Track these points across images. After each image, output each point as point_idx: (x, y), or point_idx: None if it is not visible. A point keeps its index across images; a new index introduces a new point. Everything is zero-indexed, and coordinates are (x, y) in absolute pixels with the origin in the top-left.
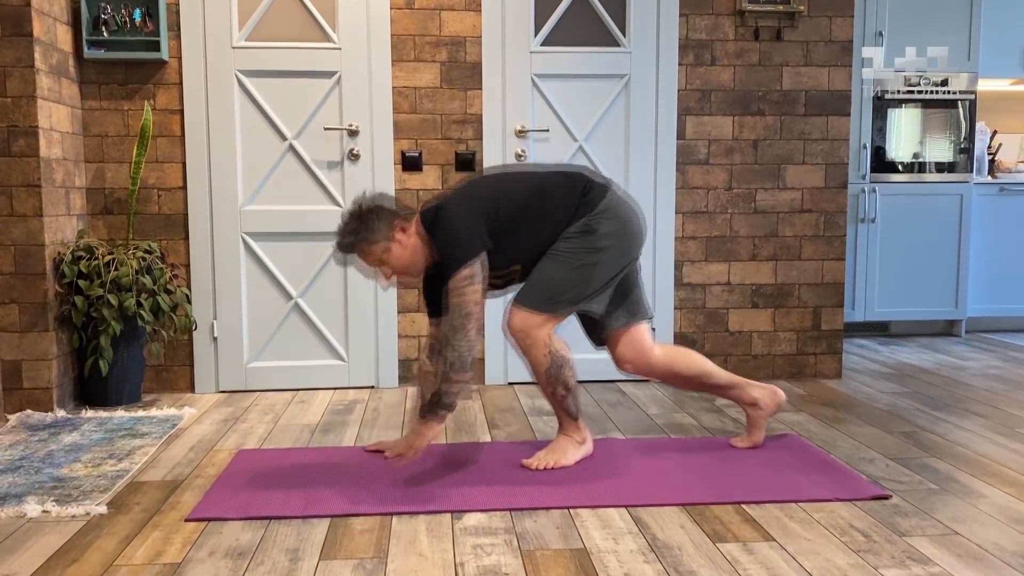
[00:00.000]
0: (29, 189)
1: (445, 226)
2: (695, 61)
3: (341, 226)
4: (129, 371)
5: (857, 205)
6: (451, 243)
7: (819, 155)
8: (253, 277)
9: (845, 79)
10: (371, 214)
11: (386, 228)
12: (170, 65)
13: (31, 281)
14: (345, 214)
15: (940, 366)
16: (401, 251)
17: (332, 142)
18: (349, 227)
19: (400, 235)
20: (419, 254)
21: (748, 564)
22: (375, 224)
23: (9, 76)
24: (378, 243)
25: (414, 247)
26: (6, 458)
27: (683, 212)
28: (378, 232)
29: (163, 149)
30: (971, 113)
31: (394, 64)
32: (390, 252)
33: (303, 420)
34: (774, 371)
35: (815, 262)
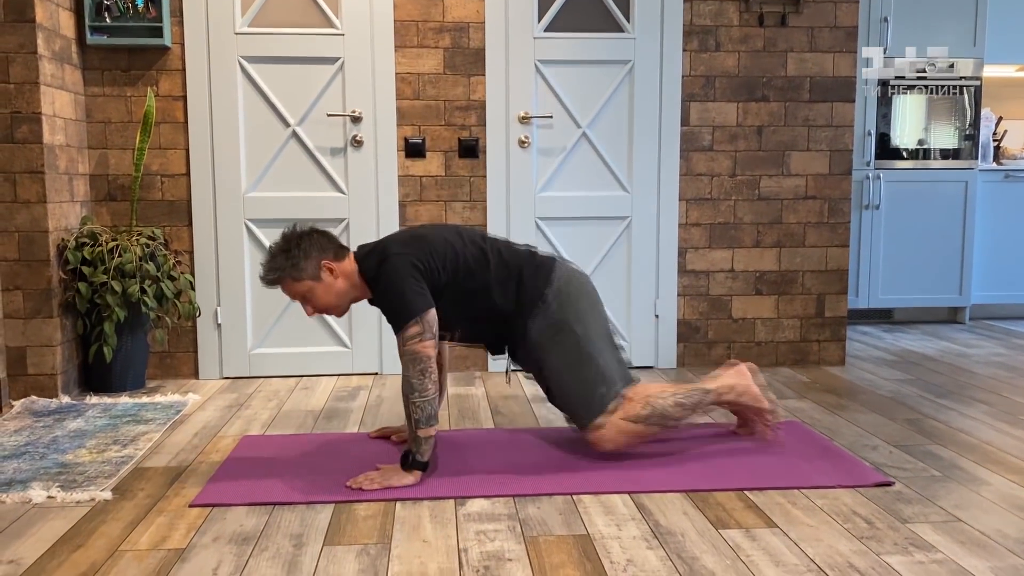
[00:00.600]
0: (33, 175)
1: (387, 282)
2: (699, 47)
3: (267, 258)
4: (133, 357)
5: (861, 192)
6: (395, 301)
7: (823, 142)
8: (256, 263)
9: (850, 65)
10: (299, 251)
11: (312, 267)
12: (173, 51)
13: (35, 268)
14: (273, 246)
15: (944, 353)
16: (324, 292)
17: (335, 128)
18: (275, 263)
19: (326, 275)
20: (344, 296)
21: (751, 550)
22: (301, 263)
23: (12, 62)
24: (302, 282)
25: (339, 290)
26: (11, 444)
27: (687, 199)
28: (303, 271)
29: (166, 136)
30: (976, 99)
31: (397, 50)
32: (313, 292)
33: (307, 406)
34: (777, 358)
35: (819, 249)
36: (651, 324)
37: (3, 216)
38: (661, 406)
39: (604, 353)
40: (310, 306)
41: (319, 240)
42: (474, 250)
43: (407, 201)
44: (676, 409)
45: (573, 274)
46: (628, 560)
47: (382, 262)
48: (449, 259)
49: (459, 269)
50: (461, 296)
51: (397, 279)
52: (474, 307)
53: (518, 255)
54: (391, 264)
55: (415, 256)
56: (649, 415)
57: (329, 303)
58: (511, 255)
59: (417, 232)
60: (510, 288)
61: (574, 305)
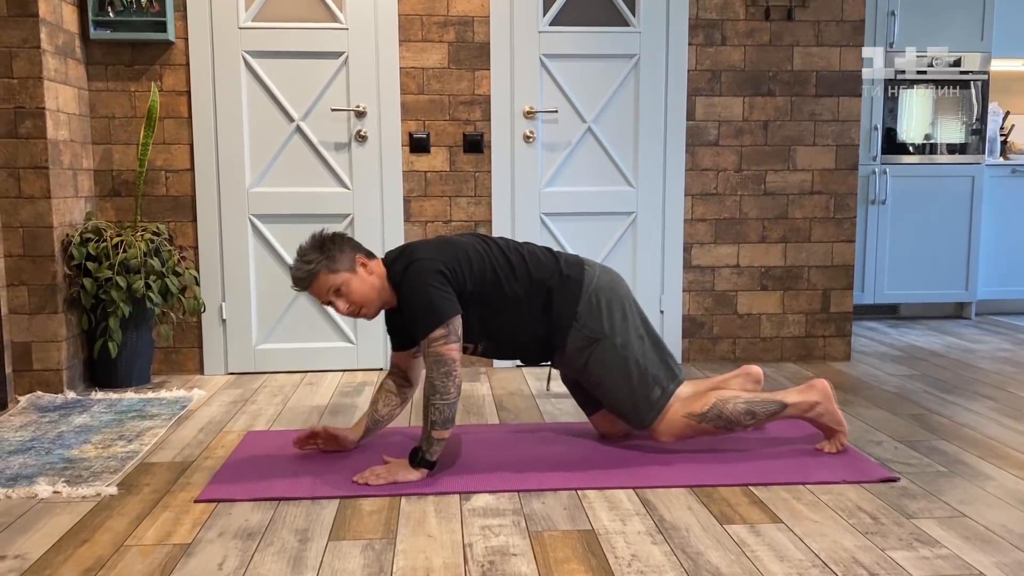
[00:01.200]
0: (37, 171)
1: (414, 285)
2: (705, 41)
3: (299, 256)
4: (138, 353)
5: (867, 187)
6: (422, 304)
7: (830, 136)
8: (261, 259)
9: (856, 59)
10: (332, 243)
11: (348, 260)
12: (177, 46)
13: (40, 263)
14: (303, 246)
15: (949, 349)
16: (361, 284)
17: (339, 123)
18: (309, 256)
19: (361, 270)
20: (378, 292)
21: (755, 546)
22: (337, 254)
23: (15, 57)
24: (339, 273)
25: (374, 284)
26: (17, 439)
27: (692, 194)
28: (340, 262)
29: (170, 131)
30: (984, 94)
31: (402, 44)
32: (350, 284)
33: (312, 402)
34: (783, 354)
35: (825, 244)
36: (656, 320)
37: (7, 212)
38: (729, 410)
39: (648, 355)
40: (344, 300)
41: (350, 240)
42: (502, 260)
43: (412, 196)
44: (745, 416)
45: (602, 280)
46: (633, 555)
47: (408, 266)
48: (476, 267)
49: (486, 279)
50: (487, 307)
51: (423, 282)
52: (500, 320)
53: (545, 268)
54: (417, 267)
55: (442, 261)
56: (716, 417)
57: (365, 296)
58: (538, 269)
59: (444, 239)
60: (537, 306)
61: (608, 316)
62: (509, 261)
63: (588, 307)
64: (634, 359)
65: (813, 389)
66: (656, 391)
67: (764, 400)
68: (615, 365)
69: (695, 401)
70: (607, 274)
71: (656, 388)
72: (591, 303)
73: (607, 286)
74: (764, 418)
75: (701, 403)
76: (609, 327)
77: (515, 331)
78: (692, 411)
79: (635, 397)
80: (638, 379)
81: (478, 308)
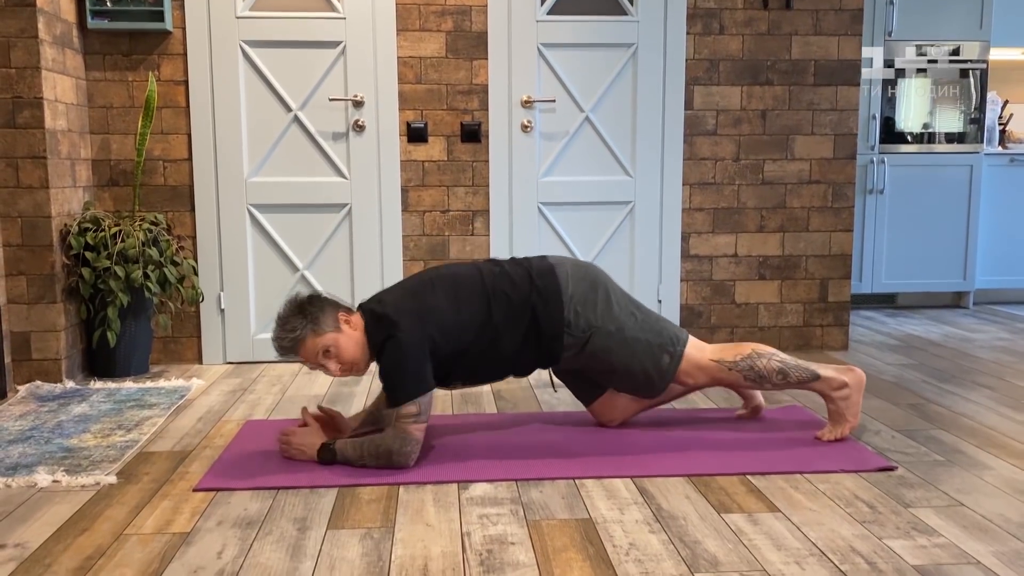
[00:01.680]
0: (35, 160)
1: (390, 359)
2: (703, 30)
3: (279, 324)
4: (137, 342)
5: (865, 176)
6: (396, 379)
7: (828, 126)
8: (259, 249)
9: (855, 48)
10: (312, 306)
11: (331, 320)
12: (174, 35)
13: (38, 253)
14: (281, 312)
15: (947, 338)
16: (348, 341)
17: (337, 113)
18: (291, 324)
19: (345, 328)
20: (363, 347)
21: (753, 534)
22: (319, 315)
23: (13, 47)
24: (325, 334)
25: (359, 340)
26: (16, 429)
27: (690, 183)
28: (323, 323)
29: (168, 120)
30: (982, 83)
31: (399, 34)
32: (339, 344)
33: (310, 391)
34: (780, 343)
35: (823, 233)
36: (654, 309)
37: (6, 201)
38: (763, 365)
39: (646, 327)
40: (334, 361)
41: (327, 299)
42: (481, 306)
43: (409, 186)
44: (776, 375)
45: (576, 278)
46: (631, 544)
47: (388, 338)
48: (454, 330)
49: (464, 337)
50: (468, 355)
51: (402, 357)
52: (486, 359)
53: (522, 290)
54: (396, 341)
55: (422, 334)
56: (748, 368)
57: (354, 355)
58: (516, 292)
59: (424, 301)
60: (521, 333)
61: (595, 310)
62: (489, 297)
63: (573, 311)
64: (633, 337)
65: (851, 373)
66: (665, 358)
67: (799, 365)
68: (617, 350)
69: (730, 349)
70: (578, 269)
71: (664, 356)
72: (574, 306)
73: (582, 281)
74: (795, 382)
75: (735, 352)
76: (599, 319)
77: (501, 354)
78: (723, 358)
79: (646, 371)
80: (644, 354)
81: (463, 357)
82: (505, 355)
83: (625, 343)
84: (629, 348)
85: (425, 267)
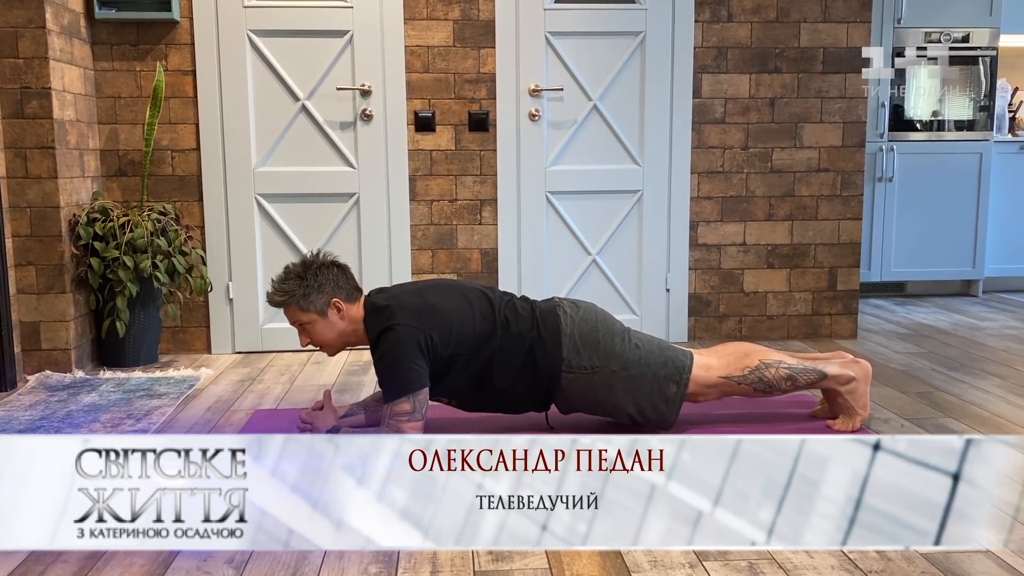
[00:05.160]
0: (43, 151)
1: (387, 352)
2: (711, 18)
3: (280, 278)
4: (146, 332)
5: (874, 164)
6: (391, 373)
7: (836, 113)
8: (267, 238)
9: (864, 36)
10: (314, 281)
11: (321, 302)
12: (181, 25)
13: (47, 243)
14: (290, 266)
15: (956, 326)
16: (325, 328)
17: (345, 102)
18: (286, 287)
19: (332, 313)
20: (343, 337)
21: None
22: (312, 295)
23: (21, 37)
24: (307, 312)
25: (340, 330)
26: (26, 418)
27: (698, 172)
28: (313, 302)
29: (176, 110)
30: (992, 70)
31: (406, 23)
32: (314, 326)
33: (319, 381)
34: (789, 332)
35: (831, 222)
36: (662, 298)
37: (15, 192)
38: (771, 375)
39: (650, 360)
40: (305, 336)
41: (337, 276)
42: (482, 322)
43: (417, 175)
44: (785, 382)
45: (576, 316)
46: None
47: (386, 329)
48: (455, 333)
49: (464, 343)
50: (466, 367)
51: (398, 350)
52: (480, 378)
53: (524, 321)
54: (395, 334)
55: (422, 331)
56: (757, 380)
57: (326, 340)
58: (518, 322)
59: (427, 299)
60: (518, 361)
61: (595, 348)
62: (493, 316)
63: (574, 347)
64: (639, 373)
65: (856, 366)
66: (671, 387)
67: (806, 368)
68: (621, 387)
69: (737, 363)
70: (577, 309)
71: (671, 384)
72: (575, 343)
73: (582, 320)
74: (803, 385)
75: (742, 365)
76: (601, 358)
77: (493, 387)
78: (731, 374)
79: (654, 401)
80: (650, 387)
81: (457, 369)
82: (494, 377)
83: (628, 380)
84: (633, 385)
85: (433, 256)
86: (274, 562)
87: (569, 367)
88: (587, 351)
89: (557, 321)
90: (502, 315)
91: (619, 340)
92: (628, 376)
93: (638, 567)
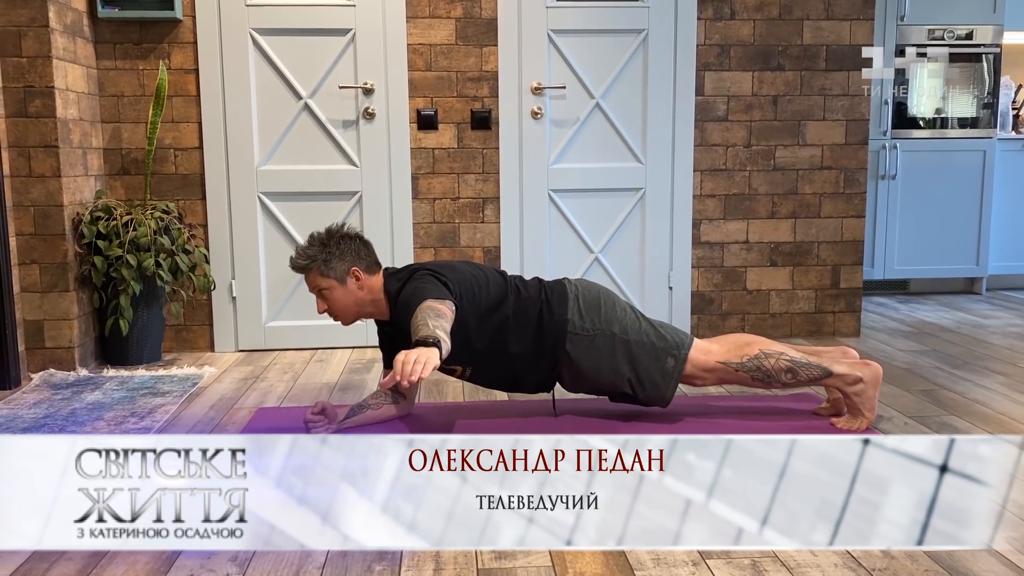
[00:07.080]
0: (47, 150)
1: (410, 291)
2: (714, 15)
3: (304, 244)
4: (149, 331)
5: (878, 162)
6: (418, 293)
7: (839, 111)
8: (270, 237)
9: (867, 33)
10: (336, 248)
11: (342, 269)
12: (184, 24)
13: (51, 242)
14: (315, 233)
15: (960, 324)
16: (343, 296)
17: (347, 101)
18: (310, 251)
19: (351, 282)
20: (360, 306)
21: None
22: (333, 261)
23: (24, 36)
24: (328, 278)
25: (357, 298)
26: (30, 416)
27: (701, 170)
28: (332, 269)
29: (179, 109)
30: (996, 67)
31: (409, 21)
32: (333, 292)
33: (322, 379)
34: (792, 329)
35: (834, 219)
36: (665, 296)
37: (18, 191)
38: (771, 365)
39: (650, 332)
40: (323, 302)
41: (359, 247)
42: (496, 288)
43: (420, 174)
44: (785, 374)
45: (583, 286)
46: None
47: (409, 279)
48: (473, 289)
49: (479, 300)
50: (480, 326)
51: (421, 284)
52: (493, 340)
53: (533, 289)
54: (418, 278)
55: (443, 277)
56: (755, 368)
57: (343, 308)
58: (527, 289)
59: (444, 261)
60: (530, 323)
61: (598, 312)
62: (503, 286)
63: (578, 310)
64: (638, 340)
65: (866, 367)
66: (669, 361)
67: (809, 364)
68: (621, 352)
69: (736, 350)
70: (585, 283)
71: (668, 358)
72: (579, 307)
73: (588, 291)
74: (805, 380)
75: (741, 352)
76: (604, 321)
77: (507, 352)
78: (729, 360)
79: (651, 373)
80: (648, 357)
81: (470, 327)
82: (508, 338)
83: (628, 345)
84: (633, 351)
85: (436, 254)
86: (277, 560)
87: (573, 327)
88: (589, 315)
89: (563, 288)
90: (513, 284)
91: (620, 310)
92: (627, 341)
93: (641, 565)
